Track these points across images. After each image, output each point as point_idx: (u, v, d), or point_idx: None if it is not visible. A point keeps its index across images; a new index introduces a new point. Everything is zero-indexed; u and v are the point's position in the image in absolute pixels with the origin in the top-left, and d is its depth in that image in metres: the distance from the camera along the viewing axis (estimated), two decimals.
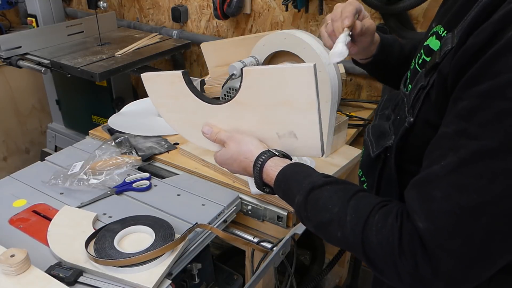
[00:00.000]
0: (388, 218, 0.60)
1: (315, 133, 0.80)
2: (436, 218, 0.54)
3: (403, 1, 1.48)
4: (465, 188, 0.52)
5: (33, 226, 1.00)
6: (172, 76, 0.89)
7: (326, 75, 1.26)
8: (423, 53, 0.72)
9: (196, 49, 2.21)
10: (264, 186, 0.81)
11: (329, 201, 0.67)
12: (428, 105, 0.65)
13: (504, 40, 0.50)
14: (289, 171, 0.76)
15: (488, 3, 0.55)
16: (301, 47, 1.30)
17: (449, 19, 0.67)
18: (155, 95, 0.95)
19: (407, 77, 0.79)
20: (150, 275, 0.85)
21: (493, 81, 0.50)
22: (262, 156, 0.80)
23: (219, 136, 0.88)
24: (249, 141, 0.84)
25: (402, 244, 0.57)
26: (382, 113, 0.87)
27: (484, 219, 0.51)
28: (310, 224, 0.71)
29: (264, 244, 1.07)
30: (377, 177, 0.79)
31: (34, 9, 2.18)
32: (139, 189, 1.15)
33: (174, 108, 0.94)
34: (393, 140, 0.74)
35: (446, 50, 0.60)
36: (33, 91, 2.55)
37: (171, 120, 0.97)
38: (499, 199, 0.50)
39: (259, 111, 0.83)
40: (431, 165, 0.57)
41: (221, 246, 1.76)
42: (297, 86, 0.76)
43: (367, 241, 0.61)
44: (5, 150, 2.52)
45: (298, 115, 0.79)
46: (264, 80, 0.79)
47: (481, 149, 0.51)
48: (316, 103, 0.77)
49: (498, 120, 0.50)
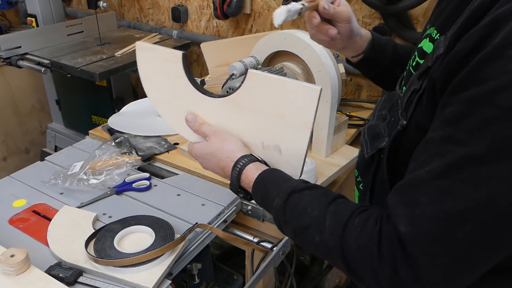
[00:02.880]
0: (368, 222, 0.59)
1: (301, 154, 0.78)
2: (420, 222, 0.53)
3: (403, 1, 1.48)
4: (450, 193, 0.52)
5: (33, 226, 1.00)
6: (170, 54, 0.85)
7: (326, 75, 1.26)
8: (417, 55, 0.72)
9: (196, 49, 2.21)
10: (239, 188, 0.79)
11: (309, 205, 0.66)
12: (420, 109, 0.65)
13: (490, 47, 0.50)
14: (268, 175, 0.75)
15: (477, 9, 0.55)
16: (301, 47, 1.30)
17: (442, 22, 0.67)
18: (144, 67, 0.91)
19: (403, 79, 0.79)
20: (150, 275, 0.85)
21: (480, 87, 0.50)
22: (245, 158, 0.77)
23: (202, 128, 0.86)
24: (233, 141, 0.82)
25: (381, 247, 0.56)
26: (379, 113, 0.86)
27: (468, 226, 0.51)
28: (288, 229, 0.69)
29: (264, 244, 1.07)
30: (372, 178, 0.78)
31: (34, 9, 2.18)
32: (139, 189, 1.15)
33: (160, 85, 0.91)
34: (386, 142, 0.73)
35: (438, 54, 0.60)
36: (33, 91, 2.55)
37: (152, 96, 0.94)
38: (484, 206, 0.50)
39: (251, 116, 0.81)
40: (416, 169, 0.56)
41: (221, 246, 1.76)
42: (298, 103, 0.74)
43: (346, 246, 0.60)
44: (5, 150, 2.52)
45: (289, 131, 0.77)
46: (267, 87, 0.77)
47: (468, 155, 0.50)
48: (312, 125, 0.75)
49: (485, 127, 0.49)
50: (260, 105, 0.79)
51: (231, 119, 0.84)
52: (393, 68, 0.99)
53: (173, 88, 0.88)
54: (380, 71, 1.02)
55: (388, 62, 0.99)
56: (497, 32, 0.50)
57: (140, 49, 0.90)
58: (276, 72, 1.35)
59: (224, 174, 0.82)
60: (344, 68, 1.57)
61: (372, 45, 0.96)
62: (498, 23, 0.51)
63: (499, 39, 0.49)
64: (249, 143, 0.83)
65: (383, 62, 0.99)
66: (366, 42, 0.96)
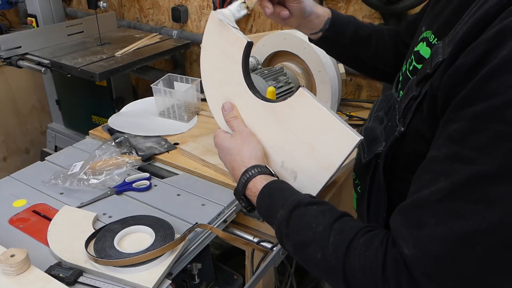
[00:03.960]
0: (373, 242, 0.57)
1: (314, 190, 0.75)
2: (426, 245, 0.51)
3: (403, 1, 1.48)
4: (459, 214, 0.49)
5: (33, 226, 1.00)
6: (236, 38, 0.82)
7: (326, 75, 1.26)
8: (413, 59, 0.70)
9: (196, 49, 2.21)
10: (243, 196, 0.77)
11: (313, 220, 0.63)
12: (419, 117, 0.63)
13: (498, 59, 0.47)
14: (275, 186, 0.73)
15: (480, 19, 0.52)
16: (301, 47, 1.30)
17: (440, 26, 0.65)
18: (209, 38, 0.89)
19: (399, 81, 0.77)
20: (150, 275, 0.85)
21: (487, 102, 0.47)
22: (258, 168, 0.76)
23: (233, 121, 0.84)
24: (254, 148, 0.80)
25: (386, 270, 0.54)
26: (376, 114, 0.85)
27: (478, 249, 0.48)
28: (289, 242, 0.66)
29: (264, 244, 1.07)
30: (369, 182, 0.77)
31: (34, 9, 2.18)
32: (139, 189, 1.15)
33: (215, 62, 0.88)
34: (383, 147, 0.72)
35: (438, 61, 0.57)
36: (33, 91, 2.55)
37: (204, 68, 0.91)
38: (496, 227, 0.47)
39: (283, 132, 0.78)
40: (420, 190, 0.53)
41: (221, 246, 1.76)
42: (333, 143, 0.71)
43: (349, 265, 0.57)
44: (5, 150, 2.52)
45: (312, 165, 0.74)
46: (310, 113, 0.73)
47: (477, 174, 0.48)
48: (335, 170, 0.71)
49: (494, 144, 0.47)
50: (296, 126, 0.76)
51: (264, 125, 0.82)
52: (353, 49, 0.99)
53: (225, 70, 0.86)
54: (341, 51, 1.01)
55: (347, 42, 0.97)
56: (503, 44, 0.47)
57: (211, 20, 0.87)
58: (276, 72, 1.35)
59: (233, 174, 0.80)
60: (344, 68, 1.57)
61: (331, 24, 0.95)
62: (504, 34, 0.48)
63: (508, 51, 0.47)
64: (270, 157, 0.82)
65: (342, 42, 0.97)
66: (323, 21, 0.95)
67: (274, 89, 1.17)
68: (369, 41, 0.98)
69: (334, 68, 1.28)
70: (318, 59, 1.25)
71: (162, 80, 1.50)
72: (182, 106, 1.49)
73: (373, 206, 0.78)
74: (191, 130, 1.45)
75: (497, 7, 0.51)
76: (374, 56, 0.99)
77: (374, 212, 0.78)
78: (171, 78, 1.53)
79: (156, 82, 1.48)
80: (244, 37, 0.81)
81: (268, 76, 1.31)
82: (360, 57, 1.00)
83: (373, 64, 1.01)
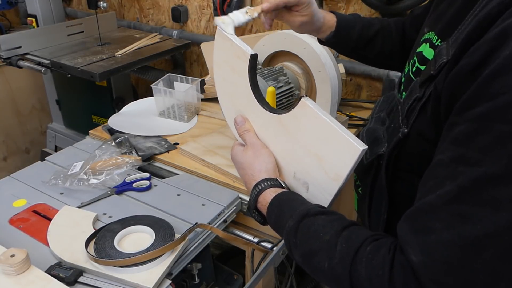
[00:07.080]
0: (380, 250, 0.56)
1: (325, 201, 0.75)
2: (433, 251, 0.50)
3: (403, 1, 1.49)
4: (466, 218, 0.47)
5: (33, 226, 1.00)
6: (241, 51, 0.82)
7: (326, 75, 1.26)
8: (416, 60, 0.69)
9: (196, 49, 2.21)
10: (255, 209, 0.78)
11: (321, 230, 0.63)
12: (423, 118, 0.62)
13: (500, 59, 0.47)
14: (285, 197, 0.73)
15: (483, 20, 0.51)
16: (301, 47, 1.30)
17: (443, 27, 0.64)
18: (218, 52, 0.89)
19: (401, 82, 0.77)
20: (150, 275, 0.85)
21: (491, 103, 0.47)
22: (268, 181, 0.76)
23: (245, 135, 0.84)
24: (265, 161, 0.80)
25: (393, 278, 0.53)
26: (377, 115, 0.85)
27: (487, 253, 0.47)
28: (297, 252, 0.66)
29: (264, 244, 1.07)
30: (371, 183, 0.77)
31: (34, 9, 2.18)
32: (139, 189, 1.15)
33: (226, 76, 0.89)
34: (386, 149, 0.71)
35: (442, 62, 0.57)
36: (33, 91, 2.55)
37: (218, 83, 0.92)
38: (505, 230, 0.46)
39: (292, 143, 0.78)
40: (426, 195, 0.52)
41: (221, 246, 1.76)
42: (337, 153, 0.70)
43: (356, 274, 0.56)
44: (5, 150, 2.52)
45: (321, 176, 0.73)
46: (313, 123, 0.73)
47: (483, 176, 0.47)
48: (343, 181, 0.70)
49: (500, 145, 0.46)
50: (303, 137, 0.75)
51: (274, 136, 0.81)
52: (361, 50, 1.01)
53: (235, 84, 0.87)
54: (349, 51, 1.05)
55: (353, 45, 1.00)
56: (506, 44, 0.47)
57: (218, 35, 0.88)
58: (276, 72, 1.35)
59: (247, 188, 0.81)
60: (344, 68, 1.58)
61: (336, 32, 0.97)
62: (507, 34, 0.48)
63: (510, 51, 0.46)
64: (283, 168, 0.81)
65: (349, 45, 1.00)
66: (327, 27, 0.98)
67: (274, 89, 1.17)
68: (375, 41, 1.00)
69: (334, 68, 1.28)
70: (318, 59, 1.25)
71: (162, 80, 1.50)
72: (182, 106, 1.49)
73: (375, 207, 0.78)
74: (191, 130, 1.45)
75: (499, 8, 0.50)
76: (381, 54, 1.02)
77: (375, 213, 0.78)
78: (171, 78, 1.53)
79: (156, 82, 1.48)
80: (247, 49, 0.81)
81: (268, 76, 1.31)
82: (368, 56, 1.04)
83: (381, 61, 1.06)
